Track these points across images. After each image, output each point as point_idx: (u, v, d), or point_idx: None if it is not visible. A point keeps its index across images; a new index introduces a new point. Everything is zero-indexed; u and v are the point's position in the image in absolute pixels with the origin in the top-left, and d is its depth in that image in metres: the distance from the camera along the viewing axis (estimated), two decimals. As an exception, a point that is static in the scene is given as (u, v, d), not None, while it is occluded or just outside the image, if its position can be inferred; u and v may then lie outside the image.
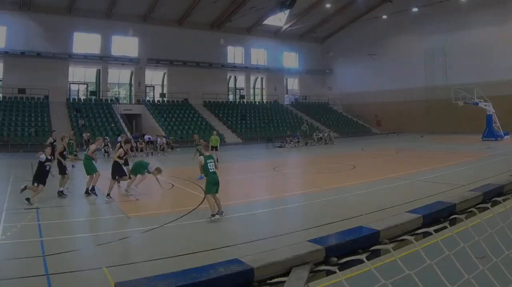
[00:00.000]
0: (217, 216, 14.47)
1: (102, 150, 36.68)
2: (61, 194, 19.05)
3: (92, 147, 20.94)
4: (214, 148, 33.00)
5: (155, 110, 61.27)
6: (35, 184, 17.05)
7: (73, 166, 28.28)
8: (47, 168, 17.73)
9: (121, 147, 20.76)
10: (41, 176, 17.29)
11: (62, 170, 19.96)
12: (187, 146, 46.56)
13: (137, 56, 65.93)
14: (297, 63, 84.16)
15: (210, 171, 14.94)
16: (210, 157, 15.46)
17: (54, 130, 35.19)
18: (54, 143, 26.19)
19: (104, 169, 21.10)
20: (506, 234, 2.89)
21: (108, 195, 18.42)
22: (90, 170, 19.87)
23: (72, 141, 29.46)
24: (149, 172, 20.23)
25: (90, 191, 19.32)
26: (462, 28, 62.44)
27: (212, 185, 14.77)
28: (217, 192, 14.78)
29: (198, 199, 17.98)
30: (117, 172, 19.46)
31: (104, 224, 15.00)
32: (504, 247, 2.72)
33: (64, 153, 21.05)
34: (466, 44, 61.18)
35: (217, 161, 30.38)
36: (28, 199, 16.64)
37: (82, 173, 20.96)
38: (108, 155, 36.61)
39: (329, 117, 75.88)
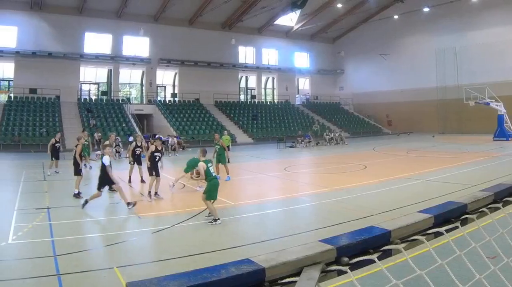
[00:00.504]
0: (219, 221, 14.38)
1: (114, 149, 36.68)
2: (77, 195, 19.10)
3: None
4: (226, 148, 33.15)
5: (166, 110, 61.26)
6: (101, 189, 16.73)
7: (90, 167, 28.10)
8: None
9: (152, 144, 21.24)
10: (105, 180, 16.79)
11: (78, 171, 20.20)
12: (199, 145, 46.58)
13: (148, 56, 66.01)
14: (308, 63, 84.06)
15: (213, 175, 15.06)
16: (208, 161, 15.41)
17: (59, 131, 35.02)
18: (56, 144, 26.39)
19: (117, 169, 21.15)
20: (518, 234, 2.88)
21: (150, 193, 18.94)
22: None
23: (87, 142, 29.17)
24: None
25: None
26: (473, 28, 62.24)
27: (214, 190, 14.79)
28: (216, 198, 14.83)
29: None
30: (155, 169, 19.58)
31: (115, 224, 15.01)
32: (515, 247, 2.72)
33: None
34: (478, 44, 60.97)
35: (228, 161, 30.61)
36: (85, 202, 16.44)
37: (95, 173, 20.98)
38: (119, 155, 36.66)
39: (340, 117, 75.74)
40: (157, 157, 19.43)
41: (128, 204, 16.38)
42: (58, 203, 17.48)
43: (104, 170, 16.54)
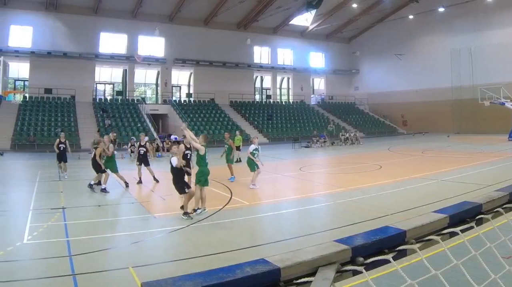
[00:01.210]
0: (199, 211, 14.82)
1: (129, 150, 36.78)
2: (104, 190, 19.90)
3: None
4: (237, 148, 33.25)
5: (181, 110, 61.35)
6: (186, 190, 15.80)
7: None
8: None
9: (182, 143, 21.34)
10: (179, 181, 15.98)
11: (101, 170, 20.70)
12: (214, 145, 46.59)
13: (163, 56, 66.21)
14: (324, 63, 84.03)
15: (206, 162, 15.51)
16: (206, 150, 15.79)
17: (63, 131, 34.76)
18: (60, 145, 25.43)
19: (130, 169, 21.25)
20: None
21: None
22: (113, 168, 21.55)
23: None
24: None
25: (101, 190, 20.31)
26: (488, 28, 62.01)
27: (206, 176, 15.47)
28: (207, 185, 15.49)
29: (225, 198, 18.06)
30: (189, 167, 19.66)
31: (130, 224, 15.00)
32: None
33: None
34: (493, 44, 60.75)
35: (240, 161, 30.63)
36: (186, 214, 15.08)
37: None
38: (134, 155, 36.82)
39: (355, 117, 75.73)
40: (189, 155, 19.43)
41: (187, 213, 15.18)
42: (74, 203, 17.52)
43: (174, 171, 15.83)
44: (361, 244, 1.97)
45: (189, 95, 69.94)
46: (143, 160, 23.17)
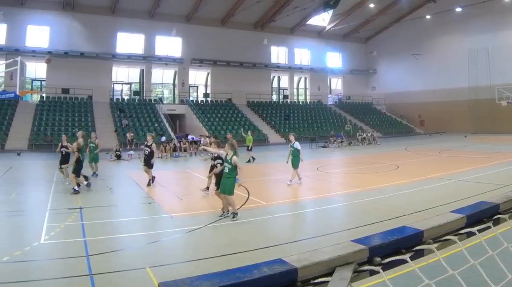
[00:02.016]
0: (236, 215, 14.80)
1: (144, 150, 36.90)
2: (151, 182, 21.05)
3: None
4: (249, 148, 33.34)
5: (198, 110, 61.44)
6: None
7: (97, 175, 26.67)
8: None
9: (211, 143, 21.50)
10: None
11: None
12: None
13: (181, 56, 66.40)
14: (341, 63, 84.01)
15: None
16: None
17: (66, 134, 34.35)
18: (62, 149, 23.86)
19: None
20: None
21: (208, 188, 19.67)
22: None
23: (93, 144, 27.92)
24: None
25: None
26: (506, 28, 61.79)
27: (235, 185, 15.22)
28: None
29: (241, 199, 18.01)
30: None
31: (147, 224, 15.04)
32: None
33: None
34: (510, 43, 60.71)
35: (253, 161, 30.65)
36: (234, 214, 15.02)
37: (123, 173, 21.11)
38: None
39: (372, 117, 75.70)
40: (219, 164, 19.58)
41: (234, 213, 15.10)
42: (91, 203, 17.57)
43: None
44: (378, 244, 1.98)
45: (206, 95, 69.91)
46: (146, 161, 22.46)
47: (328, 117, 71.87)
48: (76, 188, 19.84)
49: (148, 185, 22.00)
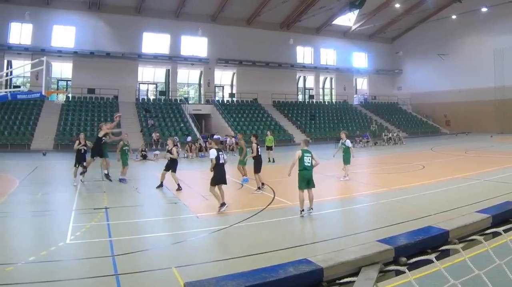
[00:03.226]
0: (304, 213, 15.20)
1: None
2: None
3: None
4: (269, 148, 33.38)
5: (224, 110, 61.60)
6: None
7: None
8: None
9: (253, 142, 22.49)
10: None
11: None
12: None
13: (206, 56, 66.60)
14: (366, 63, 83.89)
15: (305, 164, 15.51)
16: (307, 151, 15.79)
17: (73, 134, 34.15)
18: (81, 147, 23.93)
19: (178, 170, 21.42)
20: None
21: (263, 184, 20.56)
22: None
23: (127, 147, 27.62)
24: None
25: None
26: (531, 27, 61.26)
27: (301, 180, 15.44)
28: (305, 188, 15.50)
29: (267, 199, 18.14)
30: (260, 164, 21.45)
31: (173, 224, 15.09)
32: None
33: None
34: (537, 43, 60.04)
35: (273, 161, 30.72)
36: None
37: (148, 173, 21.20)
38: (178, 156, 37.06)
39: (398, 117, 75.50)
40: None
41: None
42: (117, 203, 17.68)
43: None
44: (404, 244, 1.98)
45: (232, 95, 70.14)
46: (170, 166, 22.16)
47: (354, 117, 71.78)
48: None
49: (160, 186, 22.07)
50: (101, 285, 9.27)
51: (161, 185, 21.65)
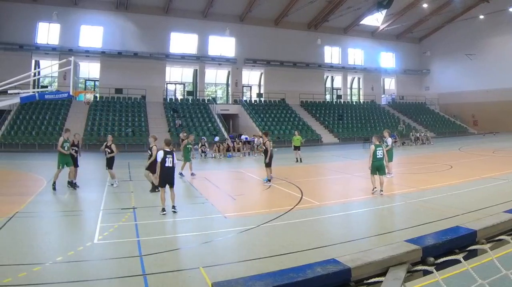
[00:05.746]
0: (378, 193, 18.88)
1: (199, 149, 37.24)
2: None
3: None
4: (297, 148, 33.40)
5: (252, 110, 61.65)
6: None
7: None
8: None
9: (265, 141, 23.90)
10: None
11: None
12: (284, 145, 46.91)
13: (234, 56, 66.79)
14: (394, 63, 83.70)
15: (377, 157, 19.19)
16: (379, 145, 19.51)
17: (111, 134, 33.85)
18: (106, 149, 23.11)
19: (203, 169, 21.46)
20: None
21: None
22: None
23: (190, 145, 27.81)
24: None
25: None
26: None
27: (373, 168, 19.25)
28: (374, 173, 19.35)
29: (295, 199, 18.09)
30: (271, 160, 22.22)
31: (200, 224, 15.03)
32: None
33: None
34: None
35: (301, 161, 30.79)
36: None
37: (176, 173, 21.20)
38: (205, 155, 37.22)
39: (426, 117, 75.19)
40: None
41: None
42: (144, 203, 17.73)
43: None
44: (431, 244, 1.99)
45: (259, 95, 70.19)
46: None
47: (382, 117, 71.66)
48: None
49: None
50: (129, 285, 9.31)
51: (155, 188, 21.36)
